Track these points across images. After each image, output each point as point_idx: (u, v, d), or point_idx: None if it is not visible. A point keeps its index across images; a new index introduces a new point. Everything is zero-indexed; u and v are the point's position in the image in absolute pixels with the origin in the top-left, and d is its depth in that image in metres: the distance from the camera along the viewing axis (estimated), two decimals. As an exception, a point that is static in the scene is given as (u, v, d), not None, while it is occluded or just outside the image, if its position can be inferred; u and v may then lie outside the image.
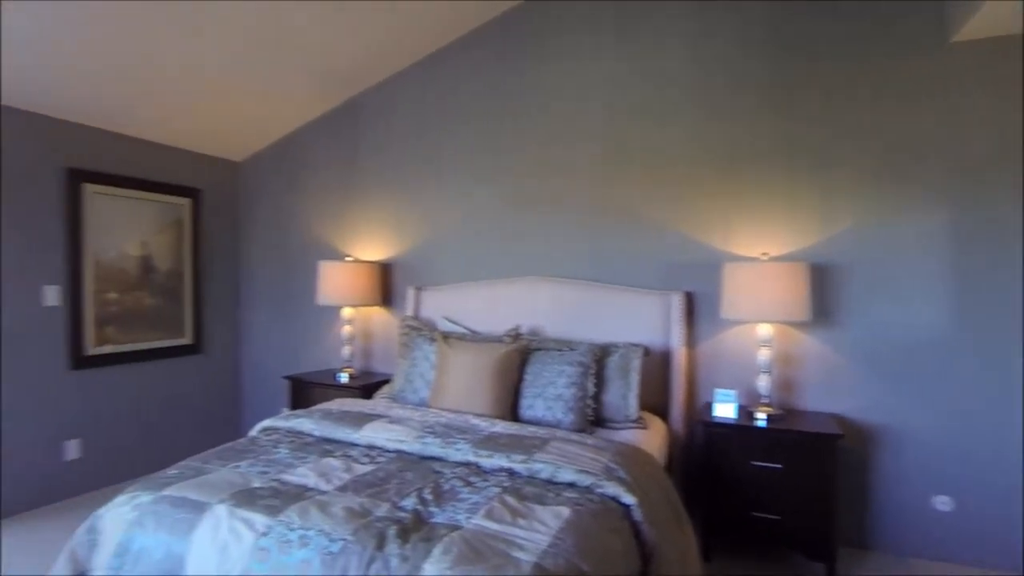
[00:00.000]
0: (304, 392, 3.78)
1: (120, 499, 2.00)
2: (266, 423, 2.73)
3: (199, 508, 1.85)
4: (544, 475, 2.11)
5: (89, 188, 3.53)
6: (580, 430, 2.71)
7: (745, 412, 2.90)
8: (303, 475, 2.08)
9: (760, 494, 2.70)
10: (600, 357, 2.94)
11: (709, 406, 2.96)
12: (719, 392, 2.90)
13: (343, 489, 1.97)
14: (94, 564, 1.94)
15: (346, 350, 3.89)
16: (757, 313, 2.79)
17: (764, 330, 2.91)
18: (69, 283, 3.46)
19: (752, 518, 2.71)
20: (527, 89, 3.60)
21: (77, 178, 3.47)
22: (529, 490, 1.99)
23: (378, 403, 2.98)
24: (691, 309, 3.21)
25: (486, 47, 3.71)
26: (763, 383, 2.88)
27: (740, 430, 2.74)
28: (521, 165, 3.61)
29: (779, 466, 2.67)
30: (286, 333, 4.40)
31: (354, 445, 2.44)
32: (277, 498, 1.88)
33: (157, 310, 3.97)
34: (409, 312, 3.78)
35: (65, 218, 3.44)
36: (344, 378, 3.75)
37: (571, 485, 2.06)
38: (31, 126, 3.28)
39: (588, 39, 3.45)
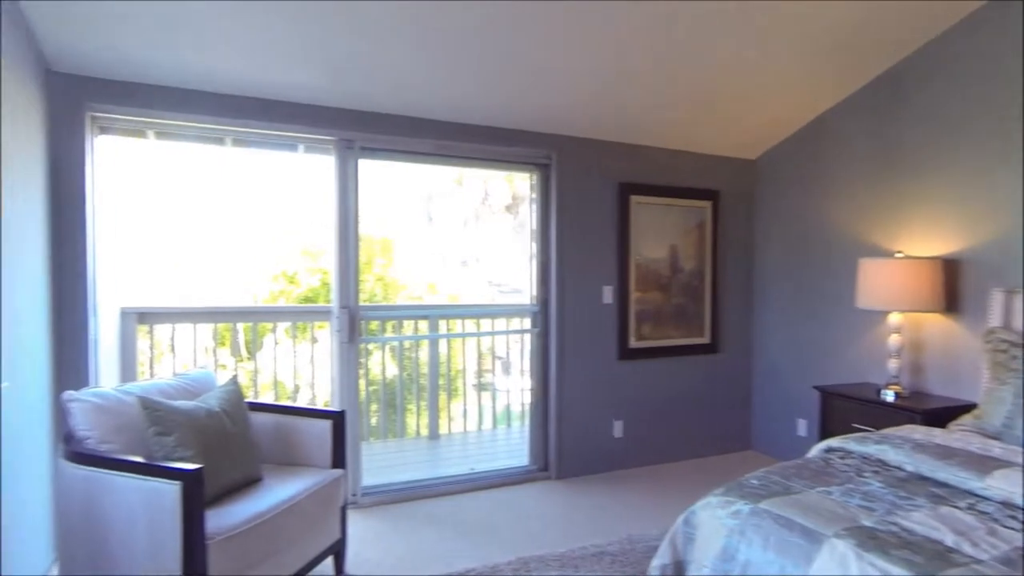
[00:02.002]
0: (837, 407, 3.35)
1: (712, 501, 2.02)
2: (832, 443, 2.44)
3: (813, 537, 1.67)
4: None
5: (634, 199, 3.96)
6: None
7: None
8: (927, 526, 1.69)
9: None
10: None
11: None
12: None
13: (1006, 563, 1.49)
14: (692, 557, 1.99)
15: (892, 364, 3.27)
16: None
17: None
18: (619, 284, 3.95)
19: None
20: None
21: (626, 191, 3.93)
22: None
23: (981, 442, 2.31)
24: None
25: None
26: None
27: None
28: None
29: None
30: (806, 337, 4.05)
31: (978, 497, 1.89)
32: (910, 550, 1.54)
33: (681, 309, 4.19)
34: (996, 323, 2.90)
35: (617, 227, 3.94)
36: (890, 396, 3.15)
37: None
38: (591, 150, 3.85)
39: None
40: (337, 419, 2.57)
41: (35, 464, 2.25)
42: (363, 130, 3.29)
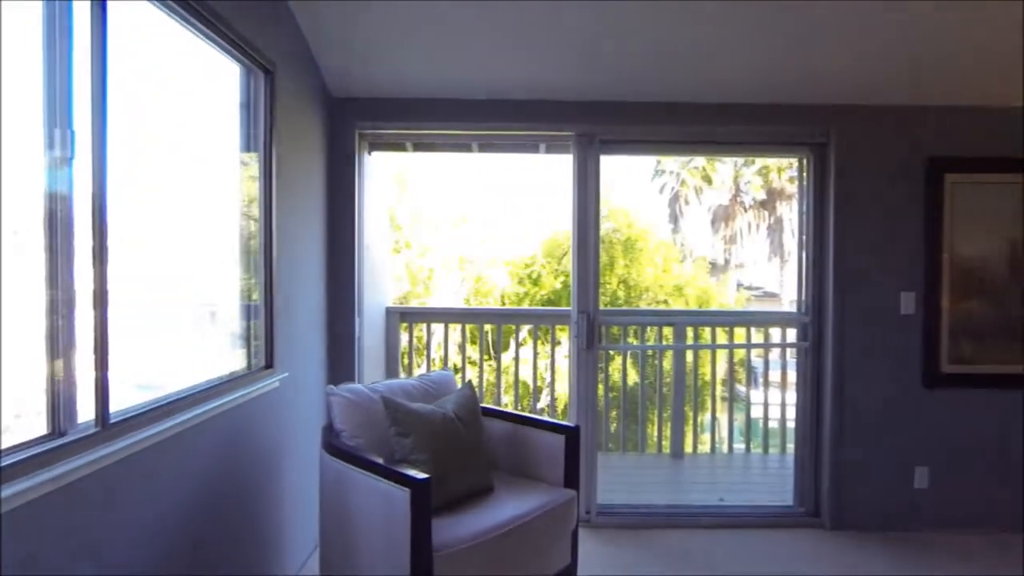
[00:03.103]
0: None
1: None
2: None
3: None
4: None
5: (949, 178, 3.03)
6: None
7: None
8: None
9: None
10: None
11: None
12: None
13: None
14: None
15: None
16: None
17: None
18: (924, 289, 3.05)
19: None
20: None
21: (937, 168, 3.02)
22: None
23: None
24: None
25: None
26: None
27: None
28: None
29: None
30: None
31: None
32: None
33: (1022, 325, 3.08)
34: None
35: (923, 216, 3.05)
36: None
37: None
38: (883, 119, 3.04)
39: None
40: (571, 435, 2.37)
41: (312, 449, 2.51)
42: (603, 122, 3.06)
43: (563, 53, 2.73)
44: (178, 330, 2.23)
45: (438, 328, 4.23)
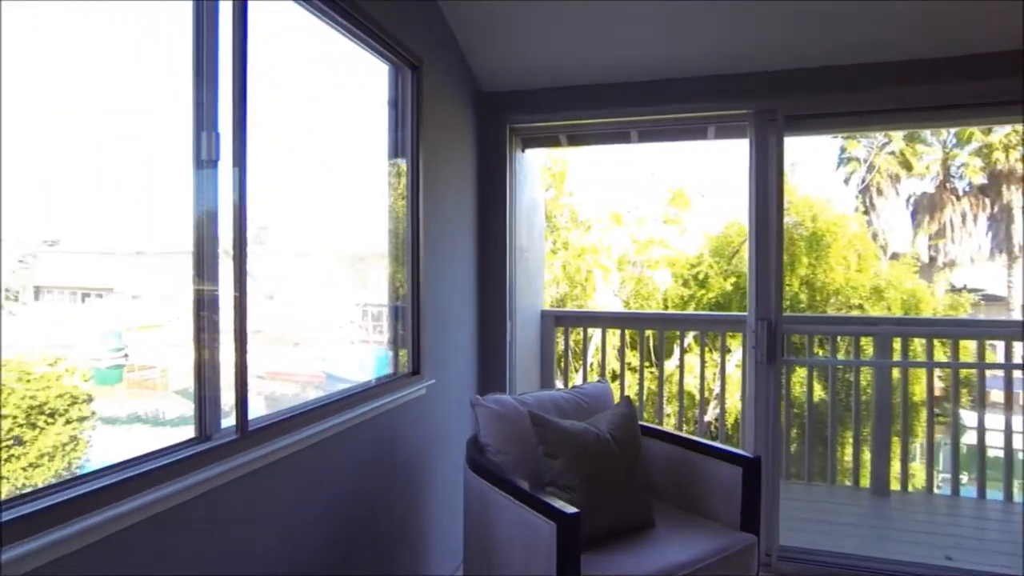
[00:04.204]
0: None
1: None
2: None
3: None
4: None
5: None
6: None
7: None
8: None
9: None
10: None
11: None
12: None
13: None
14: None
15: None
16: None
17: None
18: None
19: None
20: None
21: None
22: None
23: None
24: None
25: None
26: None
27: None
28: None
29: None
30: None
31: None
32: None
33: None
34: None
35: None
36: None
37: None
38: None
39: None
40: (751, 467, 1.98)
41: (460, 459, 2.41)
42: (787, 94, 2.59)
43: (736, 15, 2.32)
44: (333, 330, 2.25)
45: (596, 333, 3.97)
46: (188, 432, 1.35)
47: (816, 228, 8.52)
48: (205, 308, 1.36)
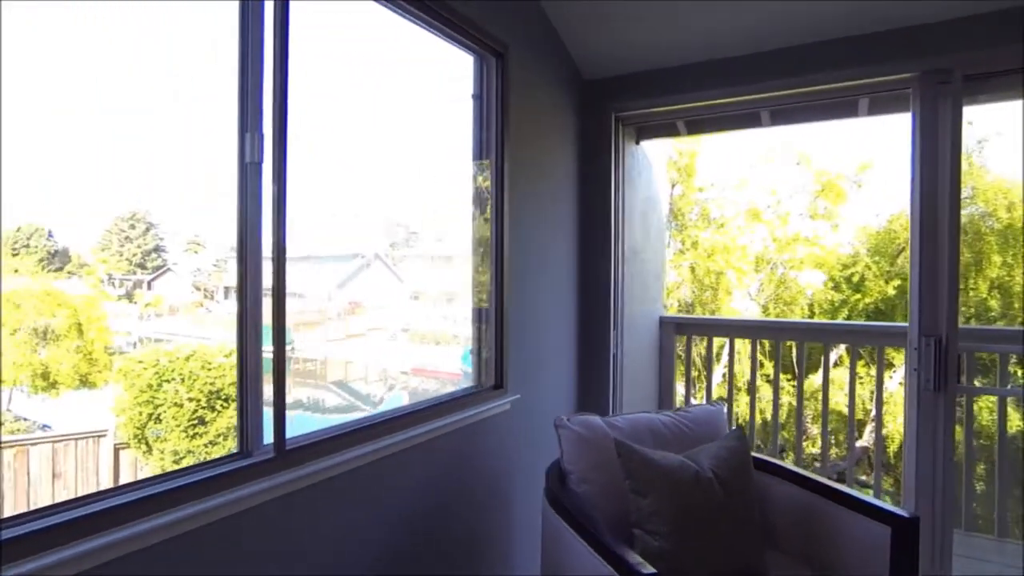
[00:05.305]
0: None
1: None
2: None
3: None
4: None
5: None
6: None
7: None
8: None
9: None
10: None
11: None
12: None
13: None
14: None
15: None
16: None
17: None
18: None
19: None
20: None
21: None
22: None
23: None
24: None
25: None
26: None
27: None
28: None
29: None
30: None
31: None
32: None
33: None
34: None
35: None
36: None
37: None
38: None
39: None
40: (904, 528, 1.54)
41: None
42: (967, 48, 2.04)
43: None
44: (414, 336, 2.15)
45: (725, 342, 3.54)
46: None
47: (1013, 219, 7.03)
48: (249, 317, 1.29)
